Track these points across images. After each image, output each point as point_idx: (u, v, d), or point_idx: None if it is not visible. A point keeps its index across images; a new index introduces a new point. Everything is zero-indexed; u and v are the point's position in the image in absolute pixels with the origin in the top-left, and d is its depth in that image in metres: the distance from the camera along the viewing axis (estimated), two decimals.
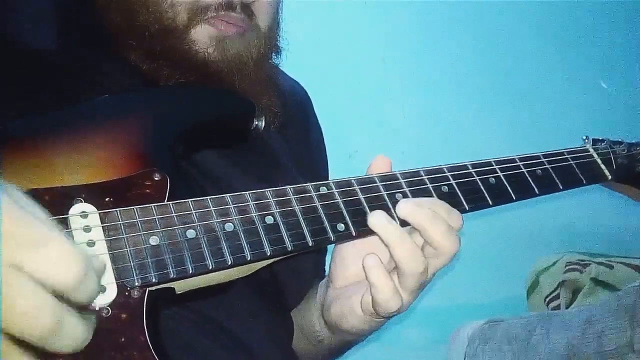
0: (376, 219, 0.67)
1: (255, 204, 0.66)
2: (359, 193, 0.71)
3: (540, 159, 0.84)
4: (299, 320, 0.85)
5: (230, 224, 0.63)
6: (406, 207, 0.68)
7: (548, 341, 1.30)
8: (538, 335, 1.33)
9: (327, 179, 0.73)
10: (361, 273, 0.70)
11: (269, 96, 0.86)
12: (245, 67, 0.82)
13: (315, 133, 1.04)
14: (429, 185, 0.74)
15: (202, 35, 0.79)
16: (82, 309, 0.50)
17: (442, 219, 0.68)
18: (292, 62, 0.97)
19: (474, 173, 0.78)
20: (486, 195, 0.77)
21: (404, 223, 0.69)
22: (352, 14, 1.89)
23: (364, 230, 0.69)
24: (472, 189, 0.76)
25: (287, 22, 0.90)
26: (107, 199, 0.61)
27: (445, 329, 1.57)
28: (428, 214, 0.68)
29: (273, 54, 0.89)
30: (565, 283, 1.72)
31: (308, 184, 0.70)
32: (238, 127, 0.82)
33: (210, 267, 0.61)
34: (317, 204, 0.68)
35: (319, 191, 0.69)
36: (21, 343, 0.47)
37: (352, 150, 1.71)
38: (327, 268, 1.01)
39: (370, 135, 1.82)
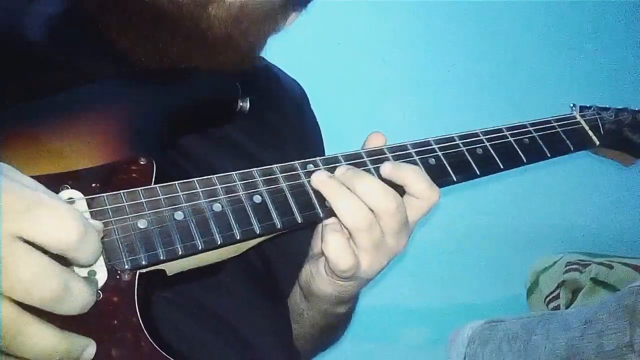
0: (315, 176, 0.68)
1: (243, 183, 0.66)
2: None
3: (527, 127, 0.84)
4: (289, 304, 0.85)
5: (218, 204, 0.64)
6: (387, 166, 0.71)
7: (548, 341, 1.30)
8: (538, 335, 1.33)
9: None
10: None
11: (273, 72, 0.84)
12: (247, 26, 0.78)
13: (311, 126, 1.04)
14: (416, 158, 0.75)
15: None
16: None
17: (424, 175, 0.71)
18: (292, 62, 0.97)
19: (461, 144, 0.78)
20: (474, 165, 0.77)
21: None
22: (352, 14, 1.89)
23: None
24: (460, 161, 0.77)
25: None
26: (93, 185, 0.61)
27: (445, 329, 1.57)
28: (410, 169, 0.70)
29: (272, 28, 0.84)
30: (565, 283, 1.72)
31: (295, 162, 0.70)
32: (223, 108, 0.81)
33: (200, 248, 0.61)
34: (305, 180, 0.69)
35: (306, 168, 0.70)
36: (29, 309, 0.48)
37: (352, 150, 1.71)
38: None
39: None
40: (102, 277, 0.57)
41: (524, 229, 1.94)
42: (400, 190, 0.71)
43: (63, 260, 0.50)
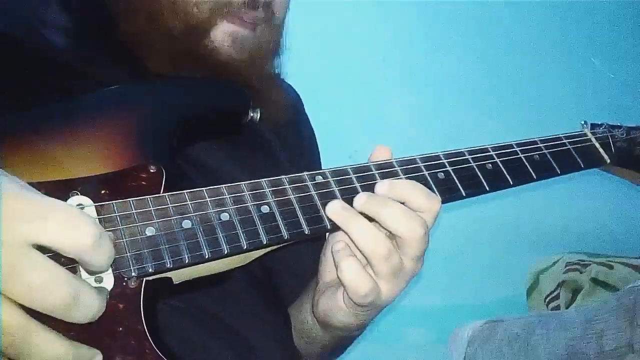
0: (330, 206, 0.67)
1: (251, 193, 0.66)
2: (355, 181, 0.71)
3: (537, 144, 0.84)
4: (293, 320, 0.85)
5: (226, 213, 0.63)
6: (383, 185, 0.69)
7: (548, 341, 1.30)
8: (538, 336, 1.33)
9: None
10: None
11: (277, 90, 0.87)
12: (258, 63, 0.83)
13: (307, 131, 1.04)
14: (425, 172, 0.74)
15: (220, 33, 0.80)
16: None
17: (420, 186, 0.70)
18: (293, 62, 0.97)
19: (470, 159, 0.77)
20: (483, 180, 0.76)
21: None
22: (352, 14, 1.89)
23: None
24: (469, 175, 0.76)
25: (287, 22, 0.90)
26: (103, 192, 0.61)
27: (445, 329, 1.57)
28: (406, 184, 0.69)
29: (279, 51, 0.90)
30: (565, 283, 1.72)
31: (304, 173, 0.70)
32: (233, 118, 0.82)
33: (207, 257, 0.61)
34: (313, 192, 0.68)
35: (315, 180, 0.69)
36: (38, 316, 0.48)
37: (352, 150, 1.71)
38: None
39: (370, 135, 1.82)
40: (108, 283, 0.57)
41: (524, 229, 1.94)
42: None
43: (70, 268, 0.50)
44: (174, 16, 0.80)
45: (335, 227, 0.68)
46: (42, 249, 0.49)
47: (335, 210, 0.67)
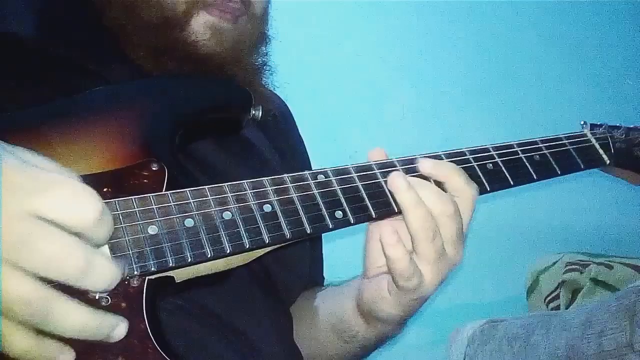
0: (395, 179, 0.69)
1: (253, 192, 0.66)
2: (357, 180, 0.71)
3: (538, 144, 0.84)
4: (331, 319, 0.84)
5: (229, 212, 0.63)
6: (428, 162, 0.73)
7: (548, 341, 1.29)
8: (538, 336, 1.32)
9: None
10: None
11: (261, 85, 0.87)
12: (241, 55, 0.83)
13: (296, 138, 1.05)
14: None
15: (199, 25, 0.80)
16: None
17: (461, 169, 0.73)
18: (293, 62, 0.97)
19: (471, 159, 0.78)
20: (484, 181, 0.77)
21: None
22: (352, 14, 1.89)
23: (362, 218, 0.69)
24: (470, 175, 0.76)
25: (288, 22, 0.90)
26: (105, 190, 0.61)
27: (445, 329, 1.56)
28: (450, 165, 0.72)
29: (264, 42, 0.89)
30: (565, 283, 1.72)
31: (306, 172, 0.70)
32: (235, 116, 0.82)
33: (209, 255, 0.61)
34: (315, 191, 0.69)
35: (317, 179, 0.70)
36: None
37: (352, 150, 1.71)
38: (324, 267, 1.02)
39: (370, 135, 1.82)
40: None
41: (524, 229, 1.94)
42: None
43: None
44: (149, 8, 0.79)
45: (338, 227, 0.68)
46: None
47: (400, 185, 0.68)
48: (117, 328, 0.52)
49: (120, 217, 0.59)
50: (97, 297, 0.55)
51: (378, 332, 0.80)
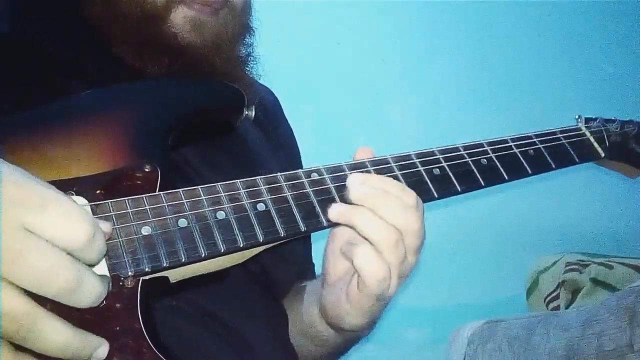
0: (331, 212, 0.66)
1: (247, 191, 0.66)
2: None
3: (532, 138, 0.84)
4: (301, 324, 0.84)
5: (222, 212, 0.64)
6: (355, 179, 0.67)
7: (548, 341, 1.29)
8: (538, 336, 1.32)
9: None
10: (349, 267, 0.69)
11: (246, 77, 0.86)
12: (222, 48, 0.82)
13: (286, 130, 1.04)
14: (421, 169, 0.74)
15: (179, 18, 0.79)
16: None
17: (395, 196, 0.67)
18: (293, 62, 0.97)
19: (465, 155, 0.78)
20: (479, 176, 0.77)
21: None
22: (353, 14, 1.89)
23: None
24: (465, 171, 0.77)
25: (288, 22, 0.90)
26: (98, 191, 0.61)
27: (445, 329, 1.56)
28: (377, 193, 0.67)
29: (247, 33, 0.89)
30: (565, 283, 1.72)
31: (299, 170, 0.70)
32: (228, 117, 0.82)
33: (203, 255, 0.61)
34: (309, 189, 0.69)
35: (310, 177, 0.70)
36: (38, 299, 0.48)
37: (352, 150, 1.72)
38: (315, 266, 1.01)
39: (370, 135, 1.82)
40: None
41: (524, 229, 1.94)
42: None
43: None
44: (130, 2, 0.79)
45: (332, 224, 0.68)
46: None
47: (337, 212, 0.66)
48: (99, 349, 0.52)
49: (114, 219, 0.59)
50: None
51: (347, 337, 0.80)
